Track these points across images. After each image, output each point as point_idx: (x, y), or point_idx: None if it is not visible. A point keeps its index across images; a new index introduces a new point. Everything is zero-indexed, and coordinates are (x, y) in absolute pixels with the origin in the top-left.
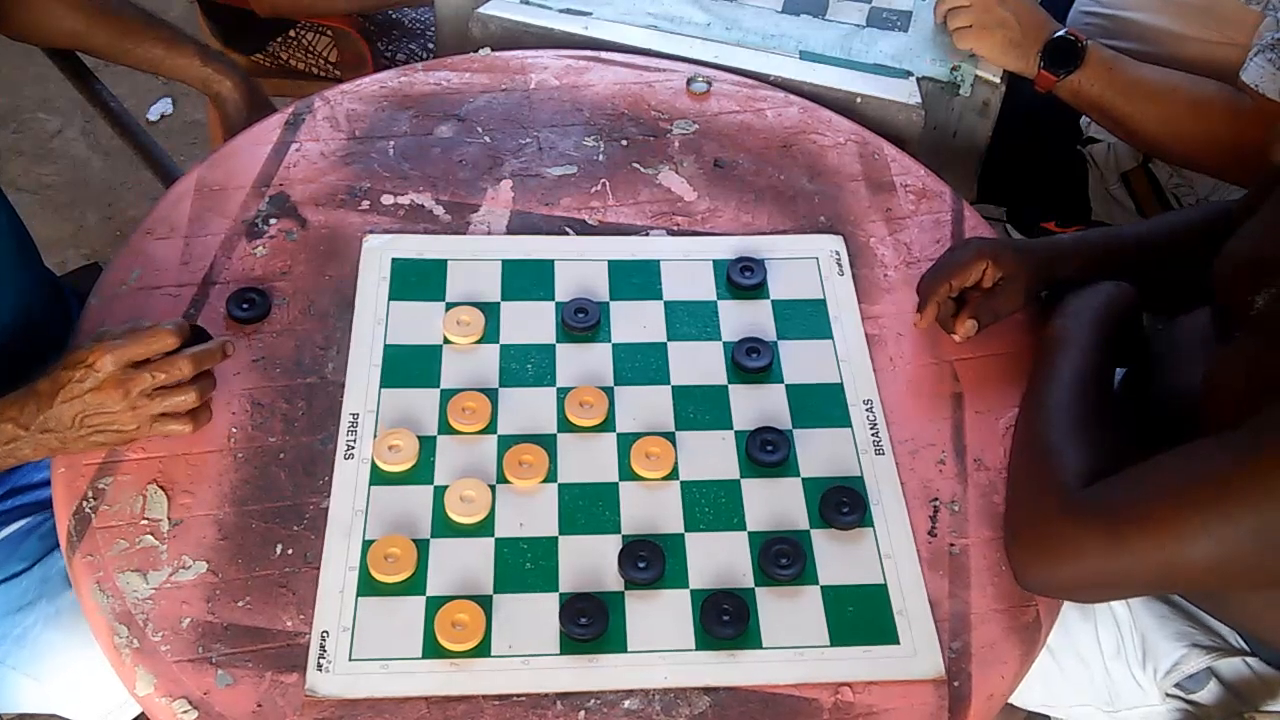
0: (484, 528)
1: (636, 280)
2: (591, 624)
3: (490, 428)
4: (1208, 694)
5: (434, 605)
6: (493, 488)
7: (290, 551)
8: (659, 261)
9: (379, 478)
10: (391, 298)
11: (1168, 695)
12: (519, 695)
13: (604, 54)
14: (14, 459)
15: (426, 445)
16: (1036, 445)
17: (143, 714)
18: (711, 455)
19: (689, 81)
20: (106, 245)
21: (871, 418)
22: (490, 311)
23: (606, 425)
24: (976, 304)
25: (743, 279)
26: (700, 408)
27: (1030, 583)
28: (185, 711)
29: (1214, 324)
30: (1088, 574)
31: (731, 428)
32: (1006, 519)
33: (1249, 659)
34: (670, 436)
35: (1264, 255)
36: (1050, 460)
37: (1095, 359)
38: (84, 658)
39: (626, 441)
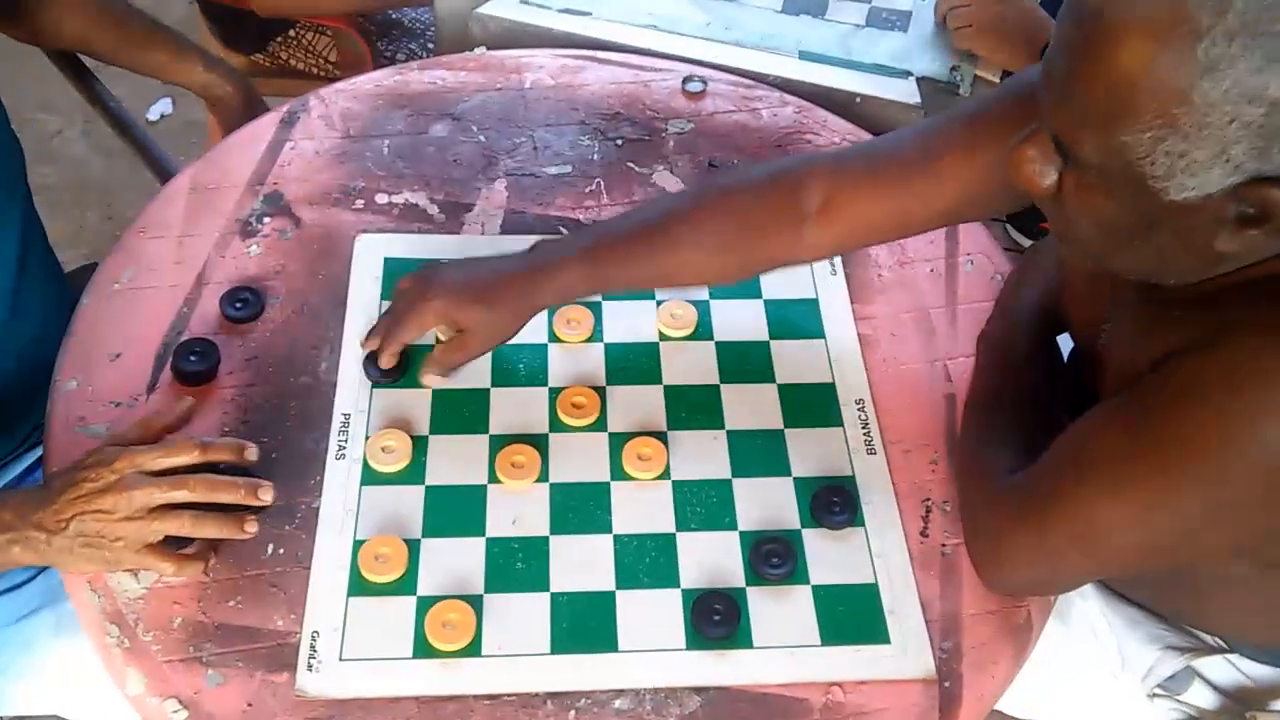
0: (475, 527)
1: None
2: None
3: (482, 428)
4: (1201, 697)
5: (424, 605)
6: (484, 488)
7: (281, 551)
8: None
9: (371, 478)
10: (384, 297)
11: (1155, 696)
12: (509, 695)
13: (599, 53)
14: (5, 558)
15: (419, 445)
16: (972, 446)
17: None
18: (703, 455)
19: (684, 81)
20: (106, 245)
21: (863, 417)
22: None
23: (598, 425)
24: (434, 358)
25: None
26: (692, 408)
27: (989, 583)
28: (176, 711)
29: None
30: (1025, 566)
31: (724, 428)
32: (962, 523)
33: (1229, 656)
34: (662, 436)
35: (1099, 302)
36: (983, 460)
37: (1032, 351)
38: (86, 665)
39: (618, 442)
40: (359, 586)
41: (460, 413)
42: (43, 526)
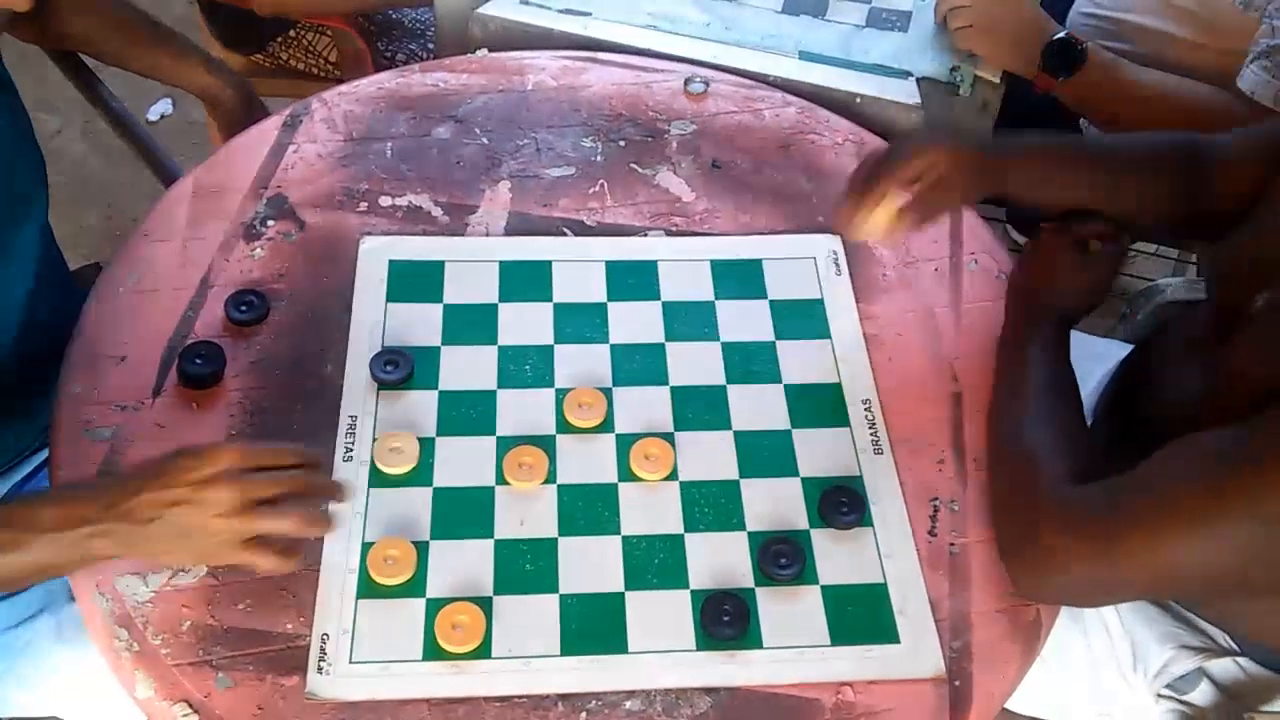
0: (483, 529)
1: (634, 281)
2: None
3: (489, 430)
4: (1202, 695)
5: (434, 607)
6: (492, 489)
7: None
8: (656, 262)
9: (378, 480)
10: (389, 299)
11: (1160, 696)
12: (520, 697)
13: (601, 55)
14: (81, 552)
15: (426, 447)
16: (1014, 450)
17: None
18: (710, 456)
19: (686, 82)
20: (106, 245)
21: (870, 417)
22: (488, 313)
23: (605, 426)
24: (912, 204)
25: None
26: (699, 408)
27: (1026, 592)
28: (186, 715)
29: (1213, 322)
30: (1079, 582)
31: (730, 428)
32: (995, 530)
33: (1239, 659)
34: (669, 437)
35: (1264, 255)
36: (1031, 466)
37: (1059, 349)
38: (87, 670)
39: (625, 443)
40: (368, 589)
41: (467, 414)
42: (131, 517)
